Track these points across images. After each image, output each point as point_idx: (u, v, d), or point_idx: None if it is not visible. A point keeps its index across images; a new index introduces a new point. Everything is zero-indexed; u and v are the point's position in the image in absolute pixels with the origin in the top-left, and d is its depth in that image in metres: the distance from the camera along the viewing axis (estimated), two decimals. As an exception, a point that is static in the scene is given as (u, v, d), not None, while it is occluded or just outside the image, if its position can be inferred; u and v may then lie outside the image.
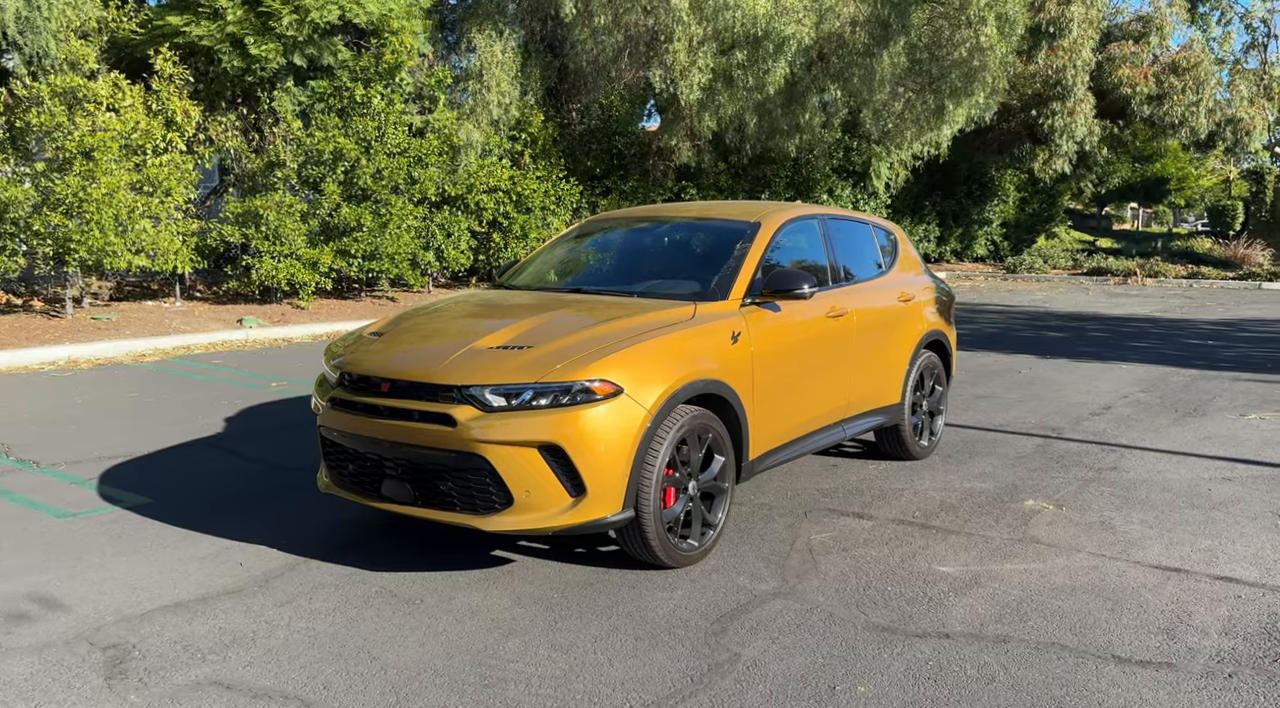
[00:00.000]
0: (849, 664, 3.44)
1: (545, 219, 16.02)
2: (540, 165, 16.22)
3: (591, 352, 4.08)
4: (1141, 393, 9.03)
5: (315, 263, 13.26)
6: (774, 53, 14.51)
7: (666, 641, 3.65)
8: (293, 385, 9.04)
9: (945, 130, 18.02)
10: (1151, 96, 24.05)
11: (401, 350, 4.41)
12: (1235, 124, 25.76)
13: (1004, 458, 6.48)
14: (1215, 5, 30.14)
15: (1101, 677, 3.33)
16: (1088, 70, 22.62)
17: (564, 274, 5.64)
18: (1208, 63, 24.58)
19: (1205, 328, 14.89)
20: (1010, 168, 26.10)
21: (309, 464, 6.15)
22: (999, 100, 18.42)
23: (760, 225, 5.22)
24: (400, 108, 14.01)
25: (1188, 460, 6.44)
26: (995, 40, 16.53)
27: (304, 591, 4.14)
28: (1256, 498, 5.56)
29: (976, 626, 3.76)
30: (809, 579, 4.26)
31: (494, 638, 3.69)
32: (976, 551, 4.63)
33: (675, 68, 14.26)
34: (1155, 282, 25.68)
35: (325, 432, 4.50)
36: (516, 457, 3.93)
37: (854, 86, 16.99)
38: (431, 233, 14.57)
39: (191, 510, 5.24)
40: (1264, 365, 10.80)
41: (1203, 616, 3.86)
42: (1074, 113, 22.66)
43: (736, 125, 16.43)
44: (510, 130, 15.88)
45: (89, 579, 4.27)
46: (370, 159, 13.65)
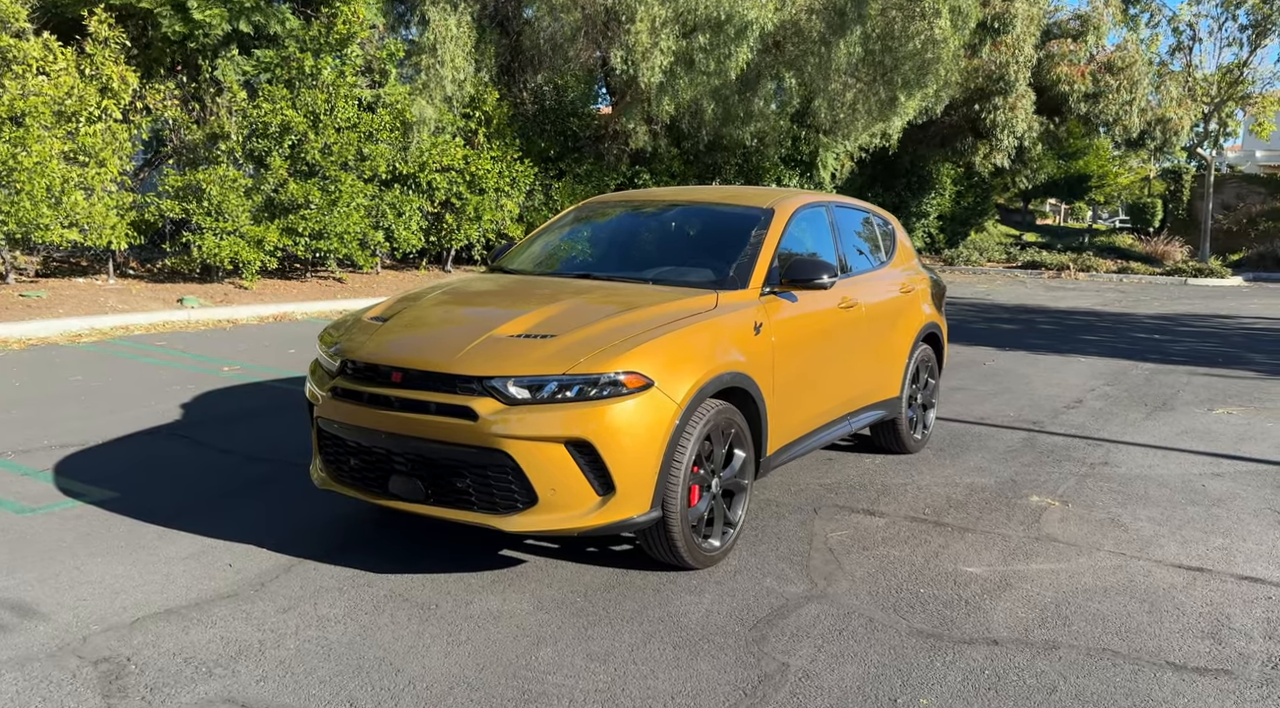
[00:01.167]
0: (903, 675, 3.29)
1: (499, 201, 15.62)
2: (495, 145, 15.79)
3: (619, 342, 3.85)
4: (1107, 387, 9.12)
5: (260, 241, 12.69)
6: (735, 37, 14.33)
7: (707, 649, 3.45)
8: (247, 371, 8.60)
9: (896, 122, 18.10)
10: (1088, 94, 24.58)
11: (412, 337, 4.12)
12: (1165, 124, 26.48)
13: (994, 452, 6.44)
14: (1145, 7, 30.93)
15: (1163, 686, 3.24)
16: (1029, 67, 23.02)
17: (568, 259, 5.38)
18: (1141, 63, 25.22)
19: (1148, 322, 15.24)
20: (951, 161, 26.44)
21: (282, 456, 5.81)
22: (950, 93, 18.57)
23: (774, 212, 5.04)
24: (351, 81, 13.47)
25: (1172, 455, 6.48)
26: (948, 33, 16.62)
27: (306, 595, 3.84)
28: (1251, 494, 5.59)
29: (1021, 631, 3.65)
30: (838, 581, 4.11)
31: (523, 647, 3.45)
32: (997, 550, 4.54)
33: (637, 49, 13.97)
34: (1087, 276, 26.32)
35: (324, 423, 4.18)
36: (542, 453, 3.69)
37: (809, 75, 16.93)
38: (382, 212, 14.08)
39: (164, 506, 4.87)
40: (1215, 360, 11.05)
41: (1241, 619, 3.81)
42: (1015, 108, 23.03)
43: (693, 111, 16.24)
44: (464, 108, 15.43)
45: (63, 583, 3.90)
46: (319, 133, 13.11)
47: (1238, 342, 13.02)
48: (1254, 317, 16.63)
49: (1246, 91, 31.71)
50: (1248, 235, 34.87)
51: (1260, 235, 34.22)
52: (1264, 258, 30.32)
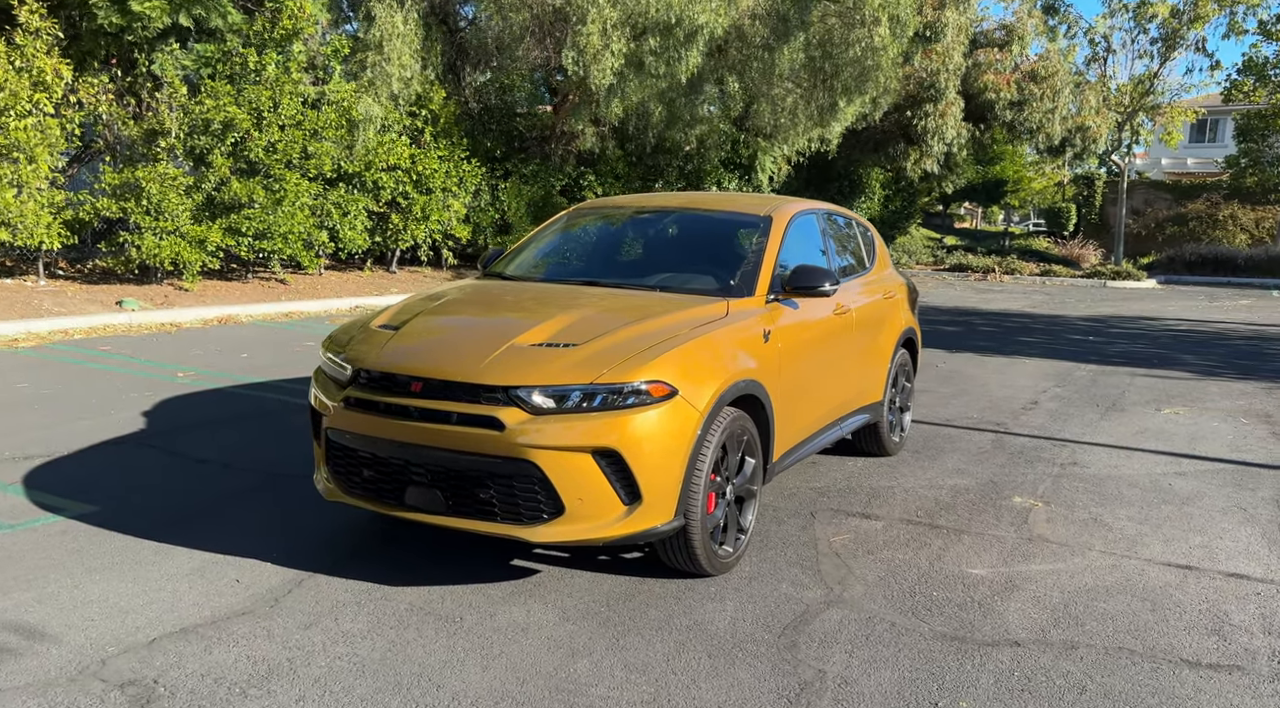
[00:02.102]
0: (938, 678, 3.37)
1: (446, 201, 15.42)
2: (441, 144, 15.57)
3: (641, 351, 3.85)
4: (1057, 388, 9.43)
5: (202, 241, 12.31)
6: (685, 41, 14.40)
7: (742, 657, 3.48)
8: (203, 377, 8.34)
9: (835, 127, 18.40)
10: (1013, 102, 25.34)
11: (430, 346, 4.05)
12: (1084, 132, 27.46)
13: (968, 454, 6.60)
14: (1064, 19, 32.02)
15: (1184, 683, 3.37)
16: (958, 75, 23.64)
17: (569, 266, 5.35)
18: (1063, 73, 26.09)
19: (1080, 324, 15.79)
20: (884, 166, 27.00)
21: (263, 467, 5.66)
22: (889, 100, 18.95)
23: (772, 220, 5.09)
24: (297, 77, 13.16)
25: (1135, 455, 6.73)
26: (888, 41, 16.96)
27: (325, 610, 3.75)
28: (1216, 492, 5.84)
29: (1038, 632, 3.76)
30: (852, 586, 4.17)
31: (559, 659, 3.43)
32: (995, 551, 4.66)
33: (588, 51, 13.93)
34: (1012, 279, 27.14)
35: (335, 434, 4.09)
36: (569, 463, 3.67)
37: (751, 80, 17.10)
38: (327, 211, 13.78)
39: (150, 519, 4.70)
40: (1151, 361, 11.50)
41: (1238, 615, 3.98)
42: (945, 115, 23.63)
43: (640, 113, 16.27)
44: (410, 106, 15.19)
45: (64, 603, 3.74)
46: (263, 131, 12.77)
47: (1166, 343, 13.56)
48: (1176, 319, 17.35)
49: (1156, 102, 33.08)
50: (1156, 239, 36.39)
51: (1167, 239, 35.74)
52: (1174, 261, 31.61)
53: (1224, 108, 39.28)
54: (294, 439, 6.32)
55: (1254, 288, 27.36)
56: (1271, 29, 31.72)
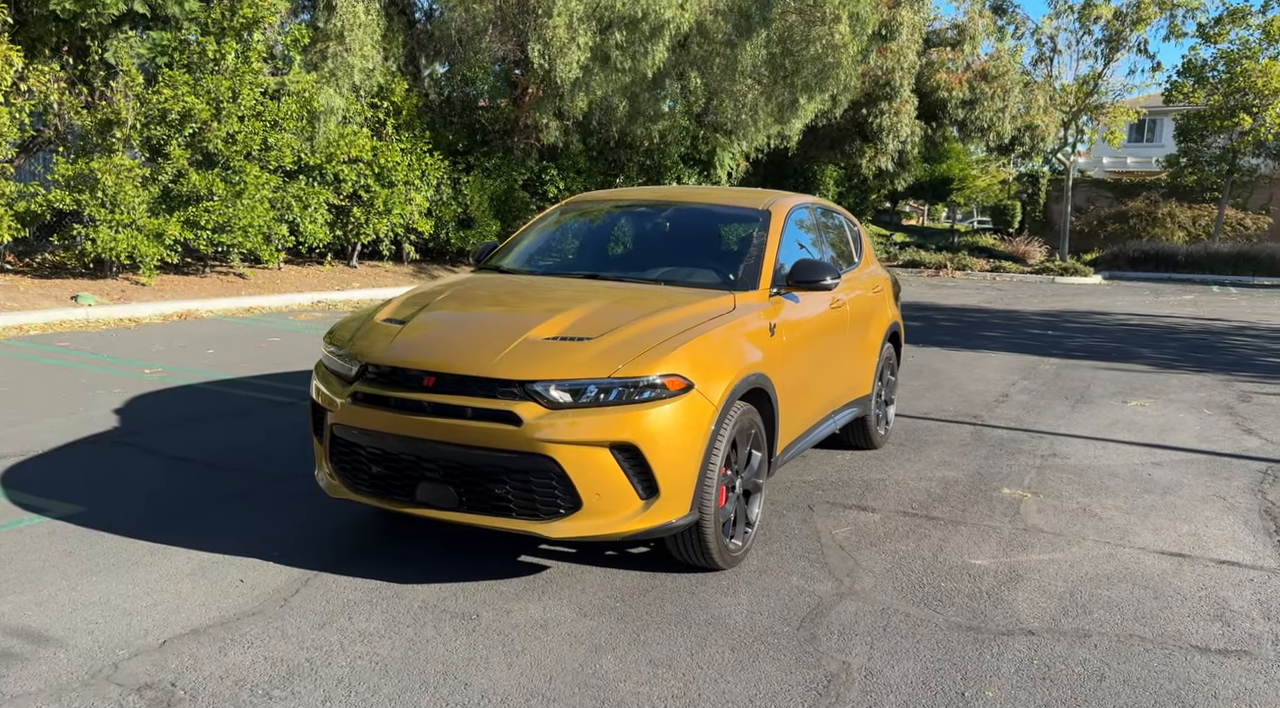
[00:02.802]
0: (960, 668, 3.40)
1: (408, 194, 15.21)
2: (404, 137, 15.36)
3: (656, 344, 3.83)
4: (1024, 381, 9.60)
5: (160, 234, 11.99)
6: (651, 35, 14.38)
7: (765, 651, 3.48)
8: (170, 373, 8.13)
9: (796, 123, 18.53)
10: (965, 101, 25.76)
11: (442, 340, 3.99)
12: (1033, 130, 28.02)
13: (951, 446, 6.69)
14: (1011, 19, 32.60)
15: (1197, 668, 3.44)
16: (912, 73, 23.95)
17: (569, 259, 5.30)
18: (1014, 72, 26.58)
19: (1036, 319, 16.10)
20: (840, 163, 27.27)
21: (247, 465, 5.54)
22: (850, 97, 19.13)
23: (770, 213, 5.10)
24: (258, 67, 12.87)
25: (1110, 447, 6.87)
26: (848, 39, 17.11)
27: (337, 609, 3.68)
28: (1193, 482, 5.98)
29: (1049, 621, 3.82)
30: (861, 578, 4.20)
31: (583, 655, 3.40)
32: (994, 542, 4.73)
33: (554, 44, 13.84)
34: (964, 274, 27.60)
35: (341, 431, 4.00)
36: (588, 457, 3.64)
37: (714, 76, 17.13)
38: (287, 205, 13.51)
39: (138, 519, 4.57)
40: (1111, 355, 11.76)
41: (1236, 601, 4.08)
42: (899, 113, 23.93)
43: (604, 108, 16.21)
44: (371, 98, 14.95)
45: (64, 605, 3.62)
46: (222, 122, 12.47)
47: (1122, 337, 13.88)
48: (1125, 313, 17.77)
49: (1100, 102, 33.83)
50: (1098, 236, 37.28)
51: (1109, 236, 36.64)
52: (1117, 257, 32.37)
53: (1164, 108, 40.26)
54: (275, 437, 6.19)
55: (1194, 283, 28.14)
56: (1209, 32, 32.59)
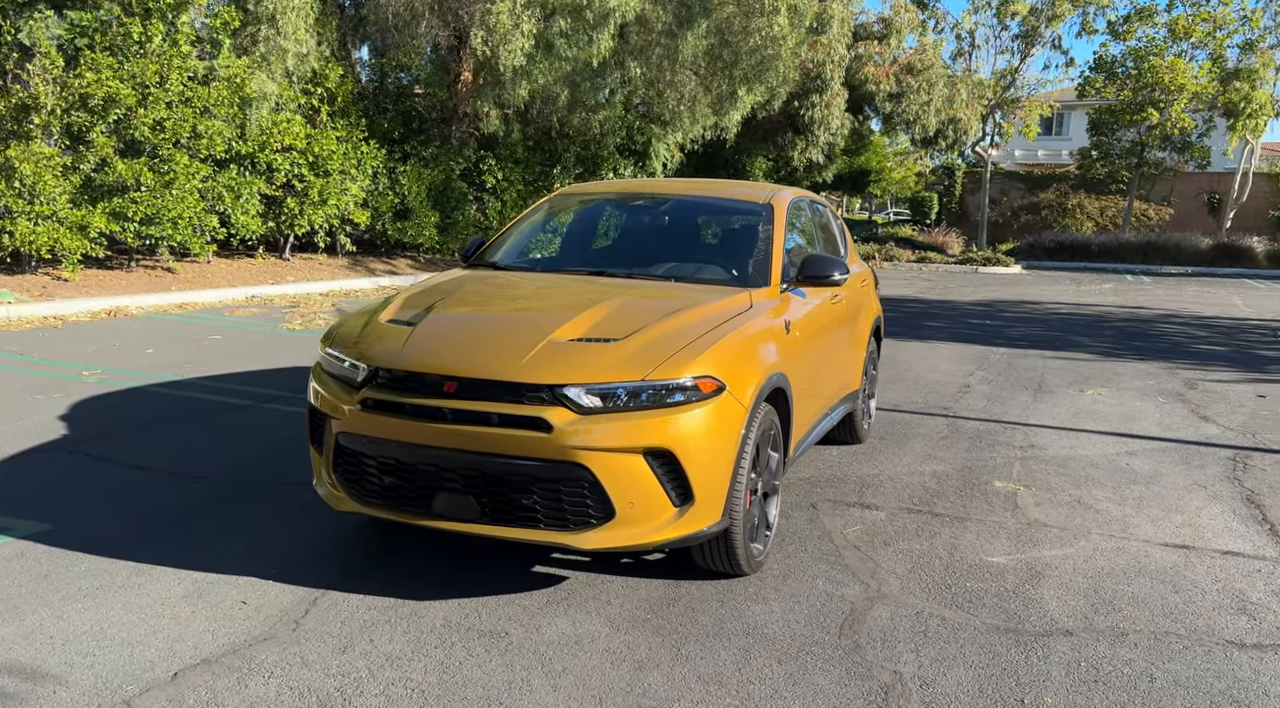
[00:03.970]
0: (1011, 674, 3.34)
1: (343, 184, 14.69)
2: (339, 124, 14.82)
3: (685, 345, 3.68)
4: (980, 371, 9.71)
5: (84, 226, 11.32)
6: (595, 24, 14.14)
7: (812, 663, 3.37)
8: (111, 375, 7.66)
9: (735, 115, 18.50)
10: (892, 94, 26.12)
11: (460, 343, 3.76)
12: (956, 123, 28.57)
13: (931, 440, 6.69)
14: (932, 14, 33.19)
15: (1239, 665, 3.45)
16: (842, 66, 24.14)
17: (569, 255, 5.10)
18: (938, 66, 27.05)
19: (972, 309, 16.39)
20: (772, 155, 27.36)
21: (217, 474, 5.22)
22: (788, 90, 19.16)
23: (773, 207, 4.98)
24: (187, 50, 12.24)
25: (1082, 437, 6.96)
26: (787, 30, 17.14)
27: (355, 631, 3.44)
28: (1171, 471, 6.07)
29: (1083, 620, 3.79)
30: (886, 580, 4.12)
31: (627, 673, 3.24)
32: (1004, 538, 4.70)
33: (498, 30, 13.50)
34: (891, 265, 28.03)
35: (348, 439, 3.75)
36: (621, 464, 3.47)
37: (654, 66, 16.97)
38: (218, 195, 12.91)
39: (113, 536, 4.25)
40: (1053, 344, 12.01)
41: (1252, 593, 4.12)
42: (830, 106, 24.12)
43: (546, 97, 15.91)
44: (305, 84, 14.38)
45: (54, 636, 3.31)
46: (148, 107, 11.83)
47: (1058, 326, 14.20)
48: (1055, 302, 18.22)
49: (1017, 95, 34.72)
50: (1012, 226, 38.33)
51: (1023, 227, 37.71)
52: (1034, 247, 33.28)
53: (1076, 102, 41.55)
54: (238, 443, 5.86)
55: (1109, 272, 29.10)
56: (1119, 29, 33.70)
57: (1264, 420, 7.71)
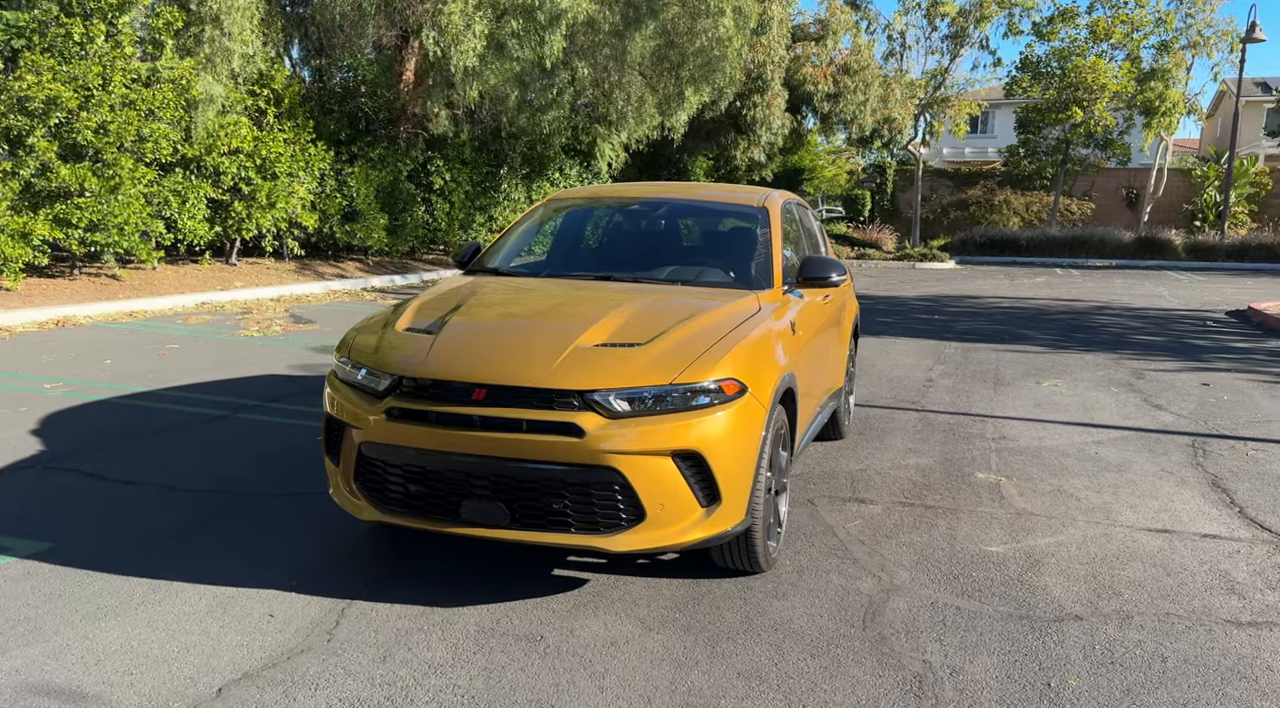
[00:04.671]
0: (1033, 659, 3.48)
1: (291, 186, 14.43)
2: (286, 126, 14.55)
3: (708, 348, 3.76)
4: (939, 365, 9.97)
5: (26, 234, 10.95)
6: (547, 24, 14.12)
7: (844, 655, 3.47)
8: (75, 387, 7.47)
9: (682, 116, 18.64)
10: (830, 94, 26.55)
11: (486, 350, 3.77)
12: (891, 123, 29.17)
13: (908, 433, 6.87)
14: (864, 15, 33.81)
15: (1241, 643, 3.64)
16: (782, 67, 24.48)
17: (569, 260, 5.12)
18: (874, 66, 27.58)
19: (917, 304, 16.76)
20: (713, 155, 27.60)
21: (209, 487, 5.15)
22: (734, 90, 19.36)
23: (768, 210, 5.09)
24: (130, 51, 11.90)
25: (1049, 427, 7.21)
26: (732, 32, 17.32)
27: (391, 640, 3.44)
28: (1138, 459, 6.33)
29: (1089, 605, 3.95)
30: (896, 572, 4.25)
31: (669, 672, 3.30)
32: (998, 528, 4.87)
33: (449, 31, 13.39)
34: (831, 261, 28.50)
35: (372, 449, 3.74)
36: (651, 467, 3.53)
37: (601, 67, 17.02)
38: (164, 199, 12.59)
39: (119, 553, 4.17)
40: (1002, 337, 12.36)
41: (1237, 574, 4.34)
42: (771, 106, 24.43)
43: (495, 97, 15.84)
44: (251, 85, 14.09)
45: (84, 656, 3.25)
46: (91, 111, 11.49)
47: (1001, 319, 14.61)
48: (994, 296, 18.74)
49: (946, 95, 35.56)
50: (942, 223, 39.31)
51: (952, 223, 38.70)
52: (965, 243, 34.13)
53: (1003, 101, 42.61)
54: (224, 455, 5.77)
55: (1039, 266, 29.97)
56: (1043, 30, 34.73)
57: (1212, 408, 8.06)
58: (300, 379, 8.14)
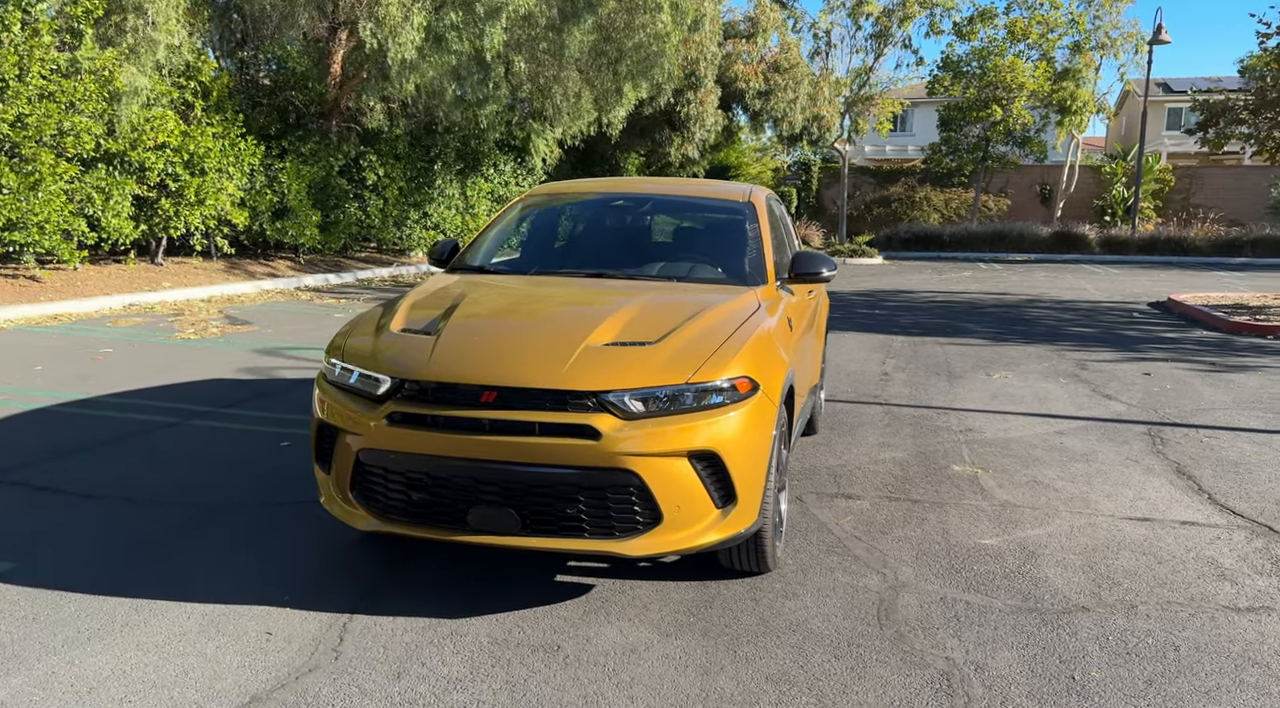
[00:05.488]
0: (1052, 652, 3.48)
1: (220, 182, 13.91)
2: (215, 120, 14.01)
3: (720, 347, 3.68)
4: (890, 359, 10.08)
5: (-61, 232, 10.34)
6: (487, 16, 13.86)
7: (866, 655, 3.43)
8: (9, 396, 7.05)
9: (620, 111, 18.55)
10: (761, 92, 26.77)
11: (493, 352, 3.63)
12: (820, 121, 29.53)
13: (877, 427, 6.90)
14: (791, 13, 34.15)
15: (1244, 629, 3.71)
16: (715, 64, 24.57)
17: (557, 257, 4.97)
18: (803, 65, 27.87)
19: (857, 299, 16.97)
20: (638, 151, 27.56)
21: (166, 497, 4.93)
22: (673, 86, 19.33)
23: (754, 206, 5.04)
24: (49, 40, 11.31)
25: (1010, 419, 7.33)
26: (670, 28, 17.28)
27: (403, 655, 3.29)
28: (1102, 448, 6.46)
29: (1092, 596, 3.99)
30: (899, 568, 4.23)
31: (694, 679, 3.21)
32: (986, 521, 4.90)
33: (387, 23, 13.05)
34: (763, 257, 28.75)
35: (371, 456, 3.57)
36: (668, 468, 3.44)
37: (539, 61, 16.82)
38: (87, 196, 12.01)
39: (88, 572, 3.92)
40: (944, 331, 12.57)
41: (1221, 560, 4.43)
42: (704, 103, 24.52)
43: (431, 91, 15.51)
44: (177, 77, 13.53)
45: (75, 684, 3.03)
46: (7, 102, 10.88)
47: (939, 313, 14.88)
48: (928, 291, 19.09)
49: (871, 93, 36.14)
50: (865, 219, 39.97)
51: (875, 219, 39.40)
52: (891, 239, 34.75)
53: (925, 100, 43.50)
54: (183, 465, 5.50)
55: (963, 261, 30.65)
56: (963, 30, 35.53)
57: (1158, 397, 8.29)
58: (250, 383, 7.82)
